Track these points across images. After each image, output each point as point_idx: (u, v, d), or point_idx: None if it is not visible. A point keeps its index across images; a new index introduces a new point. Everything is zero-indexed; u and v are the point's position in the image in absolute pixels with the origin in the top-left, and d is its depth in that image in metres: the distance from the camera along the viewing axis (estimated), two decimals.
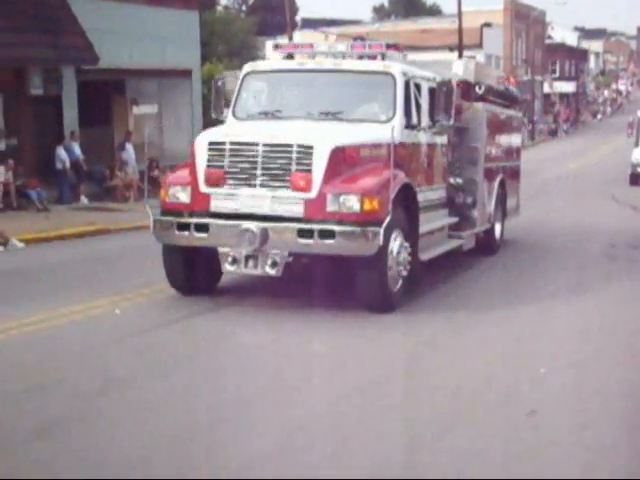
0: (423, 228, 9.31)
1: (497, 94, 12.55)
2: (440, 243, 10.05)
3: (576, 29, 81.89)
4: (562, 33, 68.83)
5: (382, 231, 8.01)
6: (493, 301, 9.35)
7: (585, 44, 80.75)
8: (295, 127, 8.72)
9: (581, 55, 74.67)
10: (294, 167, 8.14)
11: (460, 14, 35.46)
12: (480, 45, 46.10)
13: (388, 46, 9.43)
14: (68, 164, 19.42)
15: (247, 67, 9.68)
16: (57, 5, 19.60)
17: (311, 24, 46.54)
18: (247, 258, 8.21)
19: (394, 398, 6.07)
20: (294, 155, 8.14)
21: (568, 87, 65.10)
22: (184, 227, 8.39)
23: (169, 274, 8.94)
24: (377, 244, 8.03)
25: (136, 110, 22.99)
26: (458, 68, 11.28)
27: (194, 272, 8.79)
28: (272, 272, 8.21)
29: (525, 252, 13.10)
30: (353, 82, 9.26)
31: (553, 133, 53.59)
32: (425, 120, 9.49)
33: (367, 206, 8.04)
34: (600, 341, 7.76)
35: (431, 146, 9.90)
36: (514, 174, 13.82)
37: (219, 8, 46.63)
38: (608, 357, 7.22)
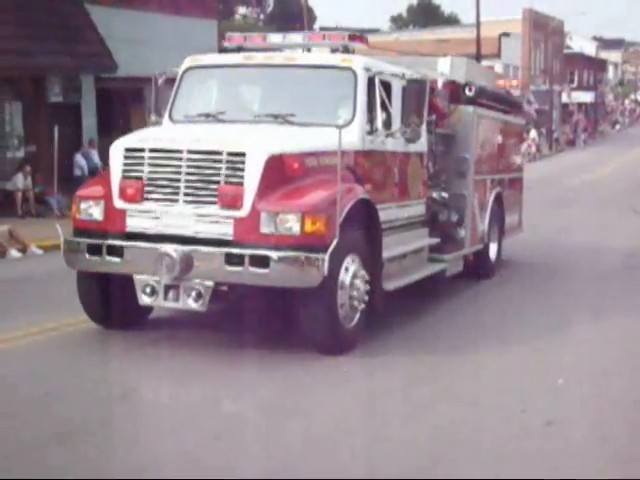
0: (390, 252, 7.22)
1: (494, 98, 10.34)
2: (416, 268, 7.90)
3: (595, 39, 77.76)
4: (580, 43, 65.29)
5: (327, 257, 5.96)
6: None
7: (604, 54, 76.60)
8: (229, 131, 6.72)
9: (599, 65, 70.88)
10: (223, 179, 6.15)
11: (478, 24, 33.30)
12: (498, 55, 43.54)
13: (352, 37, 7.33)
14: (86, 171, 18.06)
15: (187, 61, 7.62)
16: (76, 14, 18.62)
17: None
18: (167, 288, 6.20)
19: None
20: (223, 164, 6.14)
21: (586, 97, 61.56)
22: (96, 250, 6.40)
23: (85, 306, 6.92)
24: (321, 273, 5.97)
25: (154, 118, 21.55)
26: (444, 67, 9.12)
27: (115, 303, 6.76)
28: (195, 306, 6.20)
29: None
30: (308, 79, 7.17)
31: (571, 143, 50.60)
32: (396, 124, 7.37)
33: (309, 227, 5.99)
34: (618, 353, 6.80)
35: (405, 155, 7.76)
36: (515, 187, 11.49)
37: (237, 17, 44.68)
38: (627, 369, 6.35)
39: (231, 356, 6.37)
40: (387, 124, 7.22)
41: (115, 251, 6.32)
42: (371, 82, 7.06)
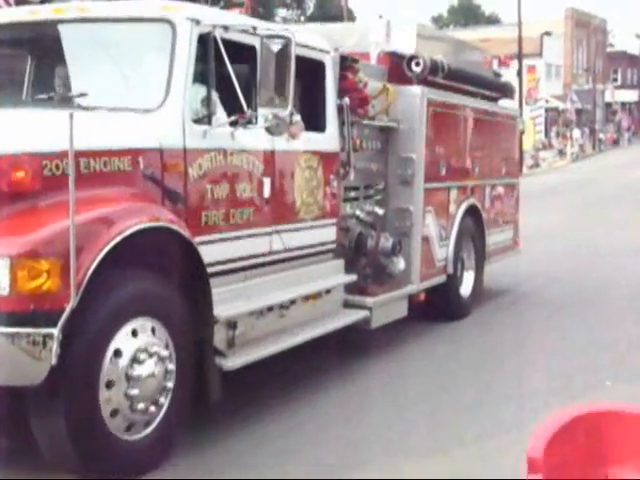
0: (251, 303, 4.38)
1: (465, 78, 7.33)
2: (313, 321, 5.06)
3: (638, 37, 72.12)
4: (624, 41, 60.38)
5: (58, 333, 3.24)
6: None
7: None
8: None
9: None
10: None
11: (520, 23, 30.29)
12: (540, 54, 39.93)
13: None
14: None
15: None
16: None
17: None
18: None
19: None
20: None
21: (630, 96, 56.39)
22: None
23: None
24: (48, 361, 3.24)
25: None
26: (378, 35, 6.20)
27: None
28: None
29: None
30: (112, 40, 4.35)
31: (615, 142, 46.22)
32: (259, 109, 4.52)
33: (26, 282, 3.22)
34: None
35: (287, 155, 4.88)
36: (504, 196, 8.34)
37: (277, 19, 42.13)
38: None
39: None
40: (240, 107, 4.37)
41: None
42: (204, 42, 4.17)
